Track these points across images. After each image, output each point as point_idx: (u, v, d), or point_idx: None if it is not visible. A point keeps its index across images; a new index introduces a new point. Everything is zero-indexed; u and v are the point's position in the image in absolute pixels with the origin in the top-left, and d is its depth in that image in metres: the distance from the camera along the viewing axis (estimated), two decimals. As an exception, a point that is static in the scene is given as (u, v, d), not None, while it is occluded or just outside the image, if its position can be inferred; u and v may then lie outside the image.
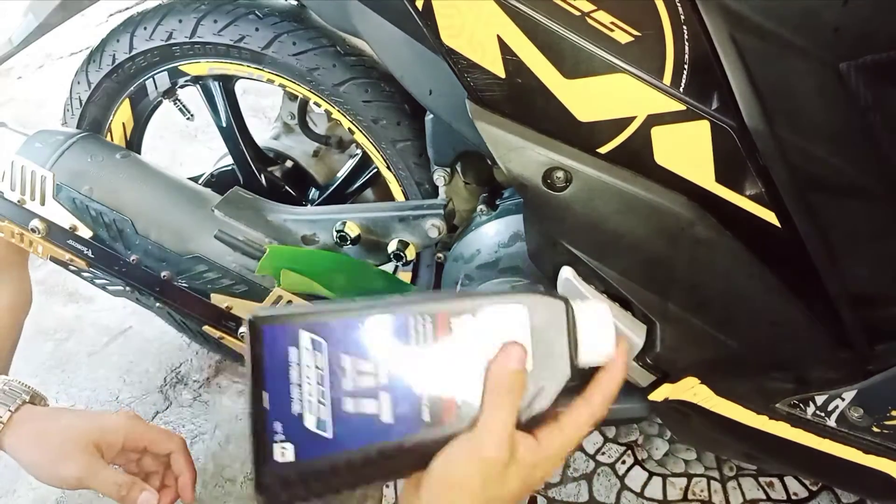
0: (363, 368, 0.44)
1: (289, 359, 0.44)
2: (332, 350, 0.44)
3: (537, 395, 0.45)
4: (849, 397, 0.66)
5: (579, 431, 0.46)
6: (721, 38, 0.54)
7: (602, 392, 0.47)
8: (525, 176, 0.61)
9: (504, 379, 0.43)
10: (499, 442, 0.43)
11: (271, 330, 0.44)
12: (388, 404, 0.43)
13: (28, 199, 0.87)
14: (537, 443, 0.45)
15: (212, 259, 0.85)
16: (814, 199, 0.58)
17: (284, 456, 0.43)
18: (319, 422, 0.43)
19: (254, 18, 0.89)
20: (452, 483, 0.43)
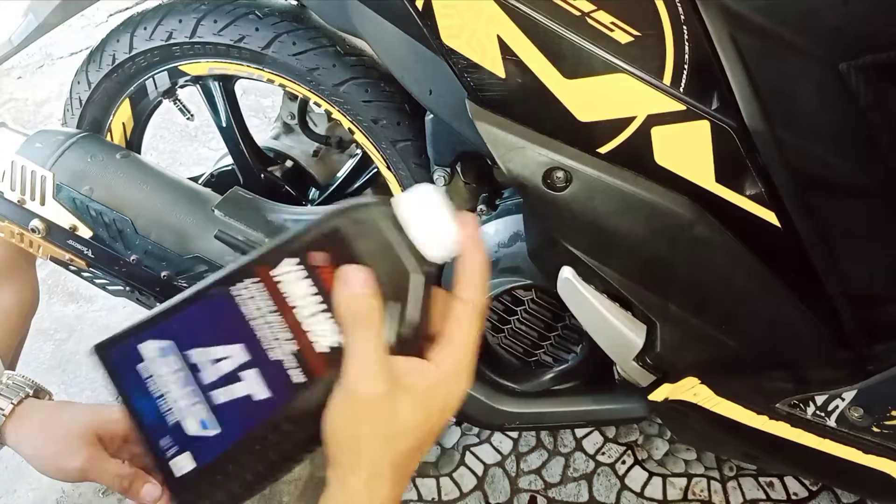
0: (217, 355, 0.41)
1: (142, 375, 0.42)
2: (182, 347, 0.42)
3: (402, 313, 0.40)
4: (849, 397, 0.66)
5: (470, 334, 0.41)
6: (721, 39, 0.54)
7: (469, 281, 0.41)
8: (525, 176, 0.61)
9: (353, 307, 0.39)
10: (368, 375, 0.39)
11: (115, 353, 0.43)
12: (256, 380, 0.41)
13: (28, 199, 0.87)
14: (426, 362, 0.40)
15: (212, 259, 0.85)
16: (814, 199, 0.58)
17: (185, 467, 0.41)
18: (202, 422, 0.41)
19: (254, 18, 0.89)
20: (345, 434, 0.40)
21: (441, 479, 1.10)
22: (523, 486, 1.09)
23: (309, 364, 0.40)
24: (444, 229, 0.41)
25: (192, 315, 0.42)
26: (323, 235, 0.41)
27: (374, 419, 0.40)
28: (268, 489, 1.10)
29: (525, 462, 1.12)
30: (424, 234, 0.41)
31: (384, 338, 0.40)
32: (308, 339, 0.40)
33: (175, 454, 0.42)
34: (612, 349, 0.72)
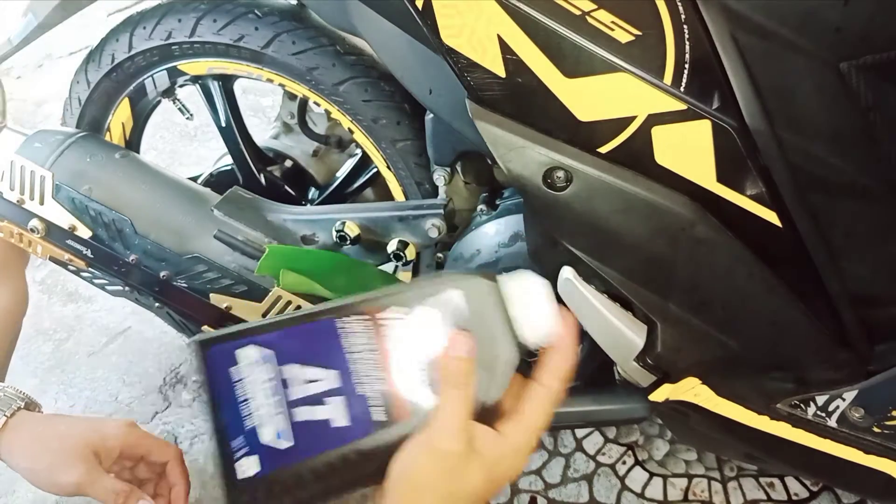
0: (310, 376, 0.44)
1: (233, 377, 0.44)
2: (280, 360, 0.44)
3: (490, 382, 0.44)
4: (850, 397, 0.66)
5: (541, 417, 0.45)
6: (722, 38, 0.53)
7: (553, 373, 0.45)
8: (525, 176, 0.61)
9: (452, 369, 0.42)
10: (453, 433, 0.42)
11: (213, 351, 0.45)
12: (340, 408, 0.43)
13: (27, 199, 0.87)
14: (498, 434, 0.44)
15: (211, 259, 0.85)
16: (814, 199, 0.58)
17: (248, 470, 0.43)
18: (278, 433, 0.43)
19: (253, 18, 0.89)
20: (412, 480, 0.42)
21: (441, 480, 1.10)
22: (523, 486, 1.09)
23: (393, 406, 0.43)
24: (546, 319, 0.45)
25: (297, 334, 0.45)
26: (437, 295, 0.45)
27: (443, 473, 0.42)
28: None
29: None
30: (528, 320, 0.44)
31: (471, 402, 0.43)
32: (396, 384, 0.44)
33: (243, 456, 0.43)
34: (612, 349, 0.72)
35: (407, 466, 0.42)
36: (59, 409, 1.25)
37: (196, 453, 1.16)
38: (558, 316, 0.45)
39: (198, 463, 1.15)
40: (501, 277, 0.45)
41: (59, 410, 1.24)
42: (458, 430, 0.42)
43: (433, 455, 0.42)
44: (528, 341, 0.45)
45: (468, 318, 0.44)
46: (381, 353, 0.44)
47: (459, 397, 0.42)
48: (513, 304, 0.44)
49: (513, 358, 0.44)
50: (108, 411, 1.24)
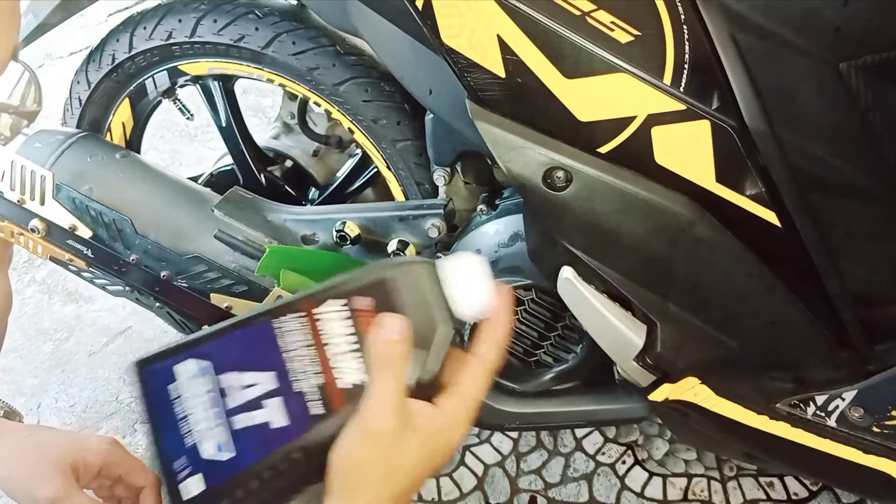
0: (247, 381, 0.43)
1: (170, 396, 0.44)
2: (217, 370, 0.44)
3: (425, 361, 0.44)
4: (849, 397, 0.66)
5: (478, 388, 0.45)
6: (721, 38, 0.53)
7: (488, 343, 0.45)
8: (525, 176, 0.61)
9: (384, 351, 0.42)
10: (385, 412, 0.42)
11: (150, 371, 0.45)
12: (277, 408, 0.43)
13: (28, 199, 0.87)
14: (435, 408, 0.44)
15: (211, 259, 0.85)
16: (814, 199, 0.58)
17: (193, 490, 0.43)
18: (218, 445, 0.43)
19: (253, 18, 0.89)
20: (351, 464, 0.42)
21: (441, 479, 1.10)
22: (523, 486, 1.09)
23: (330, 398, 0.43)
24: (479, 294, 0.44)
25: (232, 340, 0.45)
26: (370, 283, 0.44)
27: (381, 453, 0.42)
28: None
29: (525, 462, 1.12)
30: (461, 295, 0.44)
31: (405, 381, 0.42)
32: (333, 375, 0.43)
33: (187, 476, 0.43)
34: (612, 349, 0.72)
35: (345, 451, 0.42)
36: (59, 408, 1.25)
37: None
38: (492, 290, 0.45)
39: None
40: (439, 260, 0.45)
41: (59, 410, 1.24)
42: (390, 408, 0.42)
43: (368, 436, 0.42)
44: (464, 316, 0.45)
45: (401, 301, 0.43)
46: (317, 348, 0.43)
47: (390, 376, 0.42)
48: (447, 283, 0.44)
49: (446, 333, 0.44)
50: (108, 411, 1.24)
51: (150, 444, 0.44)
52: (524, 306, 0.83)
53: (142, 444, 1.18)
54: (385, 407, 0.42)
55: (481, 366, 0.45)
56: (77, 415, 1.23)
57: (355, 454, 0.42)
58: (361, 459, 0.42)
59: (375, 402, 0.42)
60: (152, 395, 0.45)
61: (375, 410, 0.42)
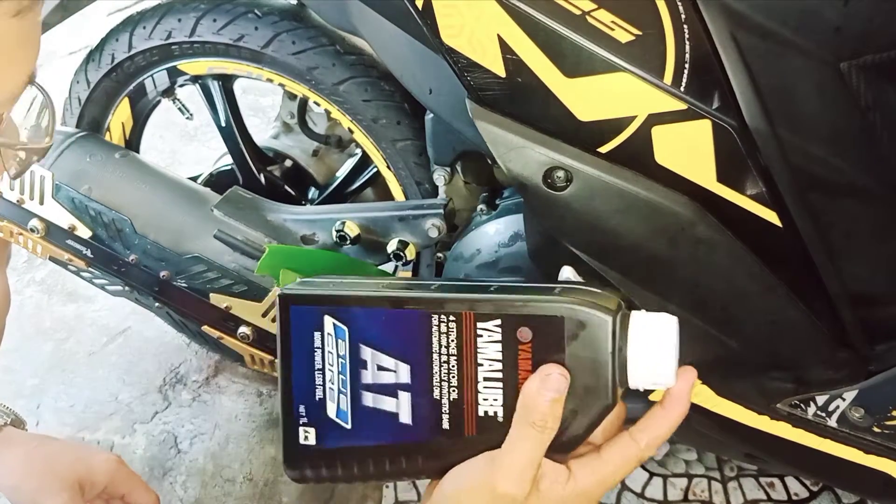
0: (384, 363, 0.42)
1: (314, 343, 0.43)
2: (354, 339, 0.42)
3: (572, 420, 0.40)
4: (850, 397, 0.66)
5: (619, 470, 0.40)
6: (722, 38, 0.53)
7: (653, 431, 0.40)
8: (525, 175, 0.61)
9: (537, 409, 0.38)
10: (517, 479, 0.38)
11: (298, 311, 0.43)
12: (406, 405, 0.42)
13: (27, 199, 0.87)
14: (569, 475, 0.40)
15: (211, 259, 0.85)
16: (814, 199, 0.58)
17: (308, 439, 0.44)
18: (339, 411, 0.43)
19: (253, 17, 0.89)
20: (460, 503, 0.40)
21: (441, 480, 1.10)
22: (523, 486, 1.09)
23: (462, 419, 0.41)
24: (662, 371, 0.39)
25: (382, 316, 0.42)
26: (542, 317, 0.40)
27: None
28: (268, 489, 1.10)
29: (525, 462, 1.12)
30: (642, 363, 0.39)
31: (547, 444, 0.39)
32: (474, 399, 0.41)
33: (304, 424, 0.43)
34: (612, 349, 0.72)
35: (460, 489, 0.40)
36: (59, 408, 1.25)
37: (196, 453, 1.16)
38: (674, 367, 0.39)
39: (198, 463, 1.15)
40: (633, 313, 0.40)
41: (59, 410, 1.24)
42: (525, 474, 0.38)
43: (490, 493, 0.39)
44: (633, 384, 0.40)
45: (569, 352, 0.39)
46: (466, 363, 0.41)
47: (536, 439, 0.38)
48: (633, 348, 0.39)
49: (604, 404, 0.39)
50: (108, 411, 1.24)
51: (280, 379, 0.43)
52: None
53: (141, 444, 1.18)
54: (519, 472, 0.39)
55: (634, 451, 0.40)
56: (77, 415, 1.23)
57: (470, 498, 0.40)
58: None
59: (511, 463, 0.39)
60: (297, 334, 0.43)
61: (508, 472, 0.39)
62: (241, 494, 1.10)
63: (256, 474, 1.12)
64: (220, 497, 1.10)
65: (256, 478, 1.12)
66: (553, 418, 0.39)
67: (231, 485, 1.12)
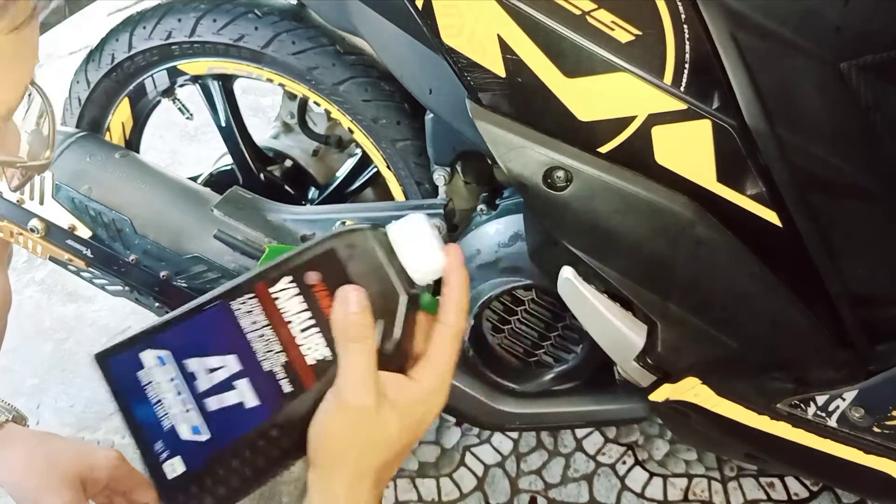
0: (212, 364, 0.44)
1: (141, 382, 0.44)
2: (177, 358, 0.44)
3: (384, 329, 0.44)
4: (850, 397, 0.66)
5: (448, 355, 0.45)
6: (722, 38, 0.53)
7: (452, 307, 0.45)
8: (525, 175, 0.61)
9: (348, 324, 0.42)
10: (359, 387, 0.42)
11: (117, 361, 0.45)
12: (247, 389, 0.43)
13: (27, 199, 0.87)
14: (409, 379, 0.44)
15: (211, 259, 0.85)
16: (814, 199, 0.58)
17: (175, 470, 0.44)
18: (193, 428, 0.44)
19: (253, 17, 0.89)
20: (330, 441, 0.43)
21: (441, 480, 1.10)
22: (523, 486, 1.09)
23: (298, 375, 0.43)
24: (431, 256, 0.44)
25: (191, 326, 0.45)
26: (318, 256, 0.44)
27: (361, 427, 0.43)
28: (267, 489, 1.09)
29: (525, 462, 1.12)
30: (413, 259, 0.44)
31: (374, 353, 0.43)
32: (299, 352, 0.44)
33: (167, 458, 0.44)
34: (612, 349, 0.72)
35: (323, 429, 0.43)
36: (59, 408, 1.25)
37: (196, 453, 1.16)
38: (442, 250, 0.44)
39: (198, 463, 1.14)
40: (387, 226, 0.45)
41: (59, 410, 1.24)
42: (365, 382, 0.42)
43: (345, 412, 0.42)
44: (421, 281, 0.44)
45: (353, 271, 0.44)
46: (278, 327, 0.44)
47: (360, 350, 0.42)
48: (397, 247, 0.44)
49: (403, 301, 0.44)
50: (108, 411, 1.24)
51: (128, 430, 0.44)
52: (524, 306, 0.83)
53: (141, 444, 1.18)
54: (359, 382, 0.42)
55: (449, 332, 0.45)
56: (77, 415, 1.23)
57: (334, 429, 0.43)
58: (340, 432, 0.43)
59: (349, 379, 0.42)
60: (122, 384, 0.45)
61: (350, 387, 0.42)
62: (241, 494, 1.10)
63: (256, 474, 1.12)
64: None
65: (256, 478, 1.12)
66: (366, 327, 0.42)
67: (231, 485, 1.12)
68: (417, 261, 0.44)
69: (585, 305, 0.69)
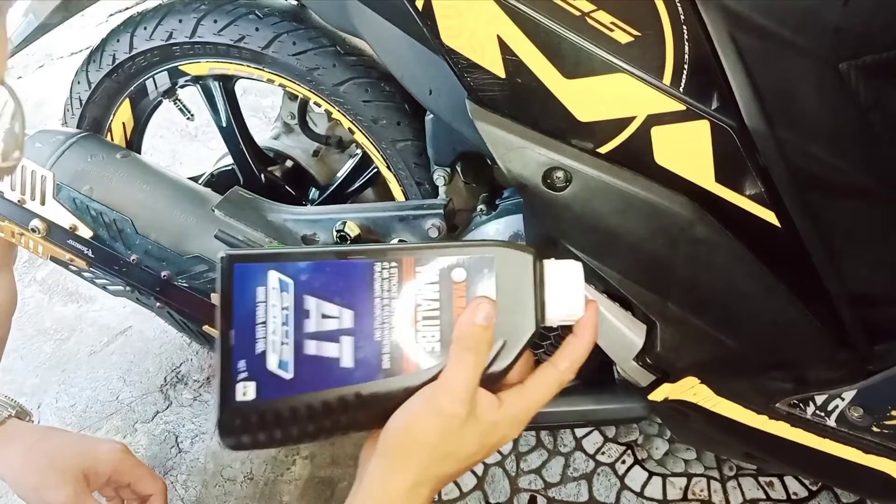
0: (327, 311, 0.43)
1: (256, 298, 0.43)
2: (299, 291, 0.44)
3: (501, 350, 0.44)
4: (849, 397, 0.66)
5: (544, 395, 0.46)
6: (721, 38, 0.54)
7: (570, 356, 0.46)
8: (525, 176, 0.61)
9: (471, 334, 0.43)
10: (459, 397, 0.42)
11: (242, 268, 0.44)
12: (349, 349, 0.43)
13: (28, 199, 0.87)
14: (500, 402, 0.44)
15: (212, 259, 0.85)
16: (814, 199, 0.58)
17: (246, 394, 0.43)
18: (281, 362, 0.43)
19: (254, 18, 0.89)
20: (410, 434, 0.43)
21: (441, 479, 1.10)
22: (523, 485, 1.09)
23: (402, 357, 0.43)
24: (573, 304, 0.45)
25: (328, 267, 0.44)
26: (474, 258, 0.45)
27: (445, 435, 0.43)
28: (268, 489, 1.10)
29: (525, 462, 1.12)
30: (557, 299, 0.45)
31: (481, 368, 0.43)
32: (413, 337, 0.44)
33: (244, 379, 0.43)
34: (611, 349, 0.72)
35: (408, 420, 0.43)
36: (60, 408, 1.25)
37: (197, 452, 1.17)
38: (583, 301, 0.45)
39: (199, 462, 1.15)
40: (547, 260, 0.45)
41: (60, 410, 1.24)
42: (464, 393, 0.42)
43: (436, 413, 0.42)
44: (552, 320, 0.45)
45: (497, 285, 0.44)
46: (406, 304, 0.44)
47: (471, 362, 0.43)
48: (546, 281, 0.45)
49: (529, 332, 0.45)
50: (109, 411, 1.24)
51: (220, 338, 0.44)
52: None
53: (142, 443, 1.18)
54: (460, 391, 0.42)
55: (554, 375, 0.46)
56: (77, 415, 1.24)
57: (419, 427, 0.43)
58: (423, 434, 0.43)
59: (451, 384, 0.42)
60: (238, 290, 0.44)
61: (450, 391, 0.42)
62: (242, 494, 1.10)
63: (257, 473, 1.12)
64: (220, 496, 1.10)
65: (257, 477, 1.12)
66: (485, 342, 0.43)
67: (232, 484, 1.12)
68: (561, 302, 0.45)
69: (585, 305, 0.69)
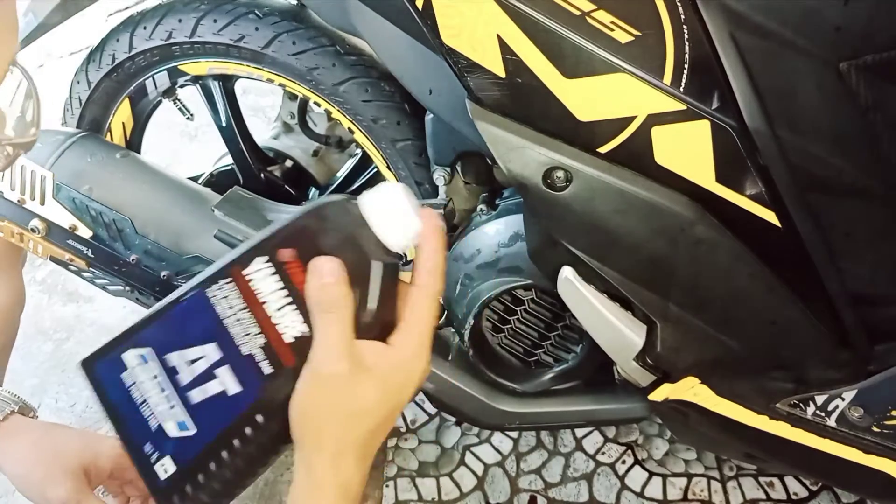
0: (191, 356, 0.43)
1: (125, 384, 0.44)
2: (158, 354, 0.44)
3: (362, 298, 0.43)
4: (849, 397, 0.66)
5: (426, 317, 0.44)
6: (721, 38, 0.53)
7: (425, 268, 0.44)
8: (525, 176, 0.61)
9: (324, 295, 0.41)
10: (335, 356, 0.41)
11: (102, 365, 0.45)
12: (228, 376, 0.43)
13: (28, 199, 0.87)
14: (386, 346, 0.43)
15: (211, 259, 0.85)
16: (814, 199, 0.58)
17: (167, 471, 0.43)
18: (179, 424, 0.43)
19: (253, 18, 0.89)
20: (306, 414, 0.42)
21: (441, 479, 1.10)
22: (523, 486, 1.09)
23: (277, 355, 0.42)
24: (404, 221, 0.43)
25: (170, 319, 0.44)
26: (291, 233, 0.44)
27: (337, 398, 0.42)
28: (268, 489, 1.10)
29: (525, 462, 1.12)
30: (386, 226, 0.43)
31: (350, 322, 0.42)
32: (277, 332, 0.42)
33: (158, 458, 0.43)
34: (612, 349, 0.72)
35: (301, 401, 0.42)
36: (59, 408, 1.25)
37: (196, 453, 1.16)
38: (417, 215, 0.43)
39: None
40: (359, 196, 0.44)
41: (59, 410, 1.24)
42: (338, 351, 0.41)
43: (320, 382, 0.41)
44: (394, 246, 0.44)
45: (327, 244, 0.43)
46: (254, 309, 0.43)
47: (334, 320, 0.41)
48: (371, 216, 0.43)
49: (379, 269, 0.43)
50: (108, 411, 1.24)
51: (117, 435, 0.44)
52: (524, 306, 0.83)
53: (142, 443, 1.18)
54: (332, 351, 0.41)
55: (424, 294, 0.44)
56: (77, 415, 1.23)
57: (311, 403, 0.42)
58: (318, 406, 0.42)
59: (322, 348, 0.41)
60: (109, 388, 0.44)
61: (324, 356, 0.41)
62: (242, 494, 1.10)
63: (257, 474, 1.12)
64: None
65: (257, 477, 1.12)
66: (339, 297, 0.41)
67: (231, 484, 1.12)
68: (389, 228, 0.43)
69: (585, 305, 0.69)
